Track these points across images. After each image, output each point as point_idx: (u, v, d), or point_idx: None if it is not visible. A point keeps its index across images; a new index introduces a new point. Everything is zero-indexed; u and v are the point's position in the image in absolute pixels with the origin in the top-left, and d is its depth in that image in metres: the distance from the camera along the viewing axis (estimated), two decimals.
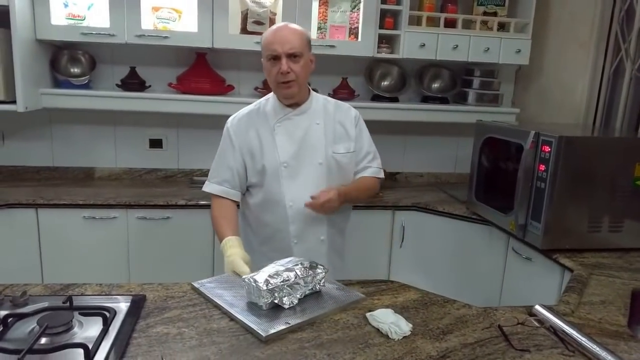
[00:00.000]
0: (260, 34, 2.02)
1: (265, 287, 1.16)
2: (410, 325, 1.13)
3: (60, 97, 2.40)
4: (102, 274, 2.23)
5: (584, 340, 1.07)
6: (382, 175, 1.71)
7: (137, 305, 1.18)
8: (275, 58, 1.47)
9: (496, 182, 2.19)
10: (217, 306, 1.21)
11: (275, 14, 2.44)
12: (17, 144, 2.65)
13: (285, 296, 1.19)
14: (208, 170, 1.66)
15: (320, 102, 1.63)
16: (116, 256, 2.32)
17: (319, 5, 2.52)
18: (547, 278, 1.79)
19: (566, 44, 2.62)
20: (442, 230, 2.41)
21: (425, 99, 2.80)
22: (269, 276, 1.18)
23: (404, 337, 1.09)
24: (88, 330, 1.06)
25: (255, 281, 1.17)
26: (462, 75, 2.83)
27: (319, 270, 1.27)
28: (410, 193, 2.69)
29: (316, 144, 1.57)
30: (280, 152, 1.55)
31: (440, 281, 2.29)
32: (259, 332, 1.07)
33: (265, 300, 1.16)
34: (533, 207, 1.83)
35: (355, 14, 2.54)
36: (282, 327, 1.10)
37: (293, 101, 1.56)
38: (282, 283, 1.18)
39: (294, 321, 1.13)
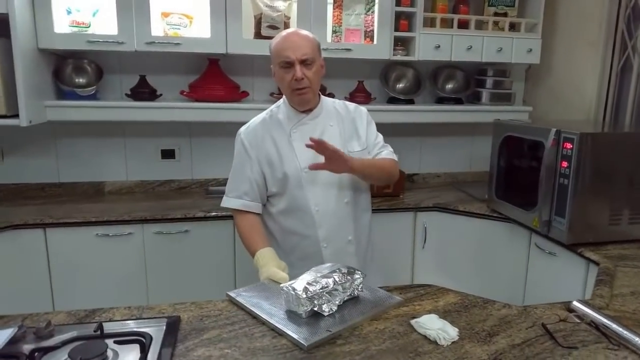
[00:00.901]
0: None
1: (304, 295, 1.13)
2: (457, 330, 1.11)
3: (66, 110, 2.26)
4: (118, 294, 2.15)
5: (626, 333, 1.08)
6: (396, 157, 1.66)
7: (173, 327, 1.11)
8: (288, 65, 1.46)
9: (516, 179, 2.19)
10: (255, 316, 1.18)
11: (289, 18, 2.41)
12: (18, 160, 2.47)
13: (324, 303, 1.16)
14: (224, 180, 1.61)
15: (329, 104, 1.64)
16: (133, 274, 2.20)
17: (334, 9, 2.49)
18: (572, 272, 1.80)
19: (575, 43, 2.63)
20: (463, 230, 2.40)
21: (440, 100, 2.80)
22: (308, 284, 1.16)
23: (452, 342, 1.07)
24: (125, 359, 0.98)
25: (294, 289, 1.15)
26: (475, 75, 2.83)
27: (357, 276, 1.25)
28: (430, 194, 2.67)
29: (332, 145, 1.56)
30: (300, 158, 1.53)
31: (464, 280, 2.27)
32: (300, 341, 1.05)
33: (305, 308, 1.14)
34: (557, 203, 1.85)
35: (370, 16, 2.51)
36: (325, 335, 1.07)
37: (307, 107, 1.56)
38: (321, 290, 1.16)
39: (335, 328, 1.10)
